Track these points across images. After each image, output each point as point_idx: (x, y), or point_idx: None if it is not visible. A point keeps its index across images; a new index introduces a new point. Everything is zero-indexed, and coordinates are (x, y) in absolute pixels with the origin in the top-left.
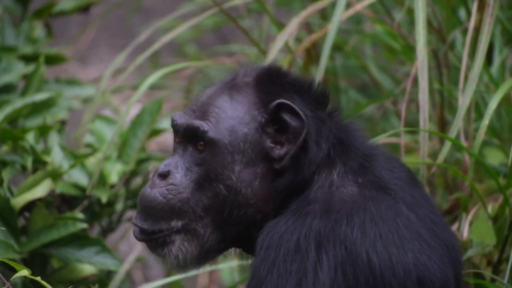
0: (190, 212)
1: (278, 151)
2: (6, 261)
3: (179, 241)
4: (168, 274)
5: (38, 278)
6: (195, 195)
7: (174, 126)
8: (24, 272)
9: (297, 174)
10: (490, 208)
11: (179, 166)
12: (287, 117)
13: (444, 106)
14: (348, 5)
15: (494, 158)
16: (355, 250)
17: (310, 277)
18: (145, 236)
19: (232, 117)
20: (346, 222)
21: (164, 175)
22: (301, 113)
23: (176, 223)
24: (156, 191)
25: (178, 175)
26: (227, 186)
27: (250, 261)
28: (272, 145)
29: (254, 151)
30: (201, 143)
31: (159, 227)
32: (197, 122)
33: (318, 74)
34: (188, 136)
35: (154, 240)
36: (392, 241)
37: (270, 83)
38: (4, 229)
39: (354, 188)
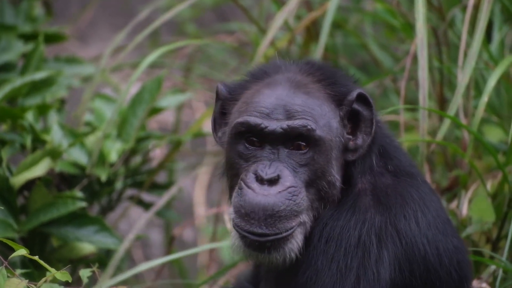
0: (304, 209)
1: (354, 142)
2: (5, 240)
3: (298, 235)
4: (168, 253)
5: (36, 258)
6: (306, 194)
7: (262, 129)
8: (22, 251)
9: (365, 163)
10: (489, 186)
11: (284, 169)
12: (360, 107)
13: (443, 83)
14: None
15: (493, 135)
16: (412, 244)
17: (370, 274)
18: (266, 238)
19: (323, 114)
20: (403, 216)
21: (273, 180)
22: (372, 102)
23: (297, 221)
24: (275, 198)
25: (290, 177)
26: (328, 182)
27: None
28: (349, 136)
29: (340, 145)
30: (304, 143)
31: (283, 228)
32: (301, 122)
33: (318, 52)
34: (285, 138)
35: (276, 241)
36: (437, 229)
37: (330, 78)
38: (3, 208)
39: (390, 176)
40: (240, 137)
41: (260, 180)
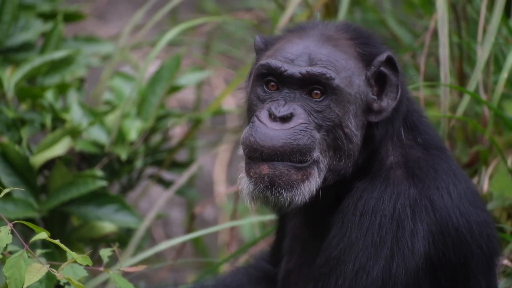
0: (317, 147)
1: (379, 104)
2: (25, 223)
3: (315, 173)
4: (188, 231)
5: (57, 241)
6: (320, 135)
7: (282, 72)
8: (43, 234)
9: (388, 129)
10: (510, 161)
11: (298, 108)
12: (387, 71)
13: (463, 59)
14: None
15: None
16: (445, 216)
17: (405, 247)
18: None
19: (347, 67)
20: (436, 188)
21: (286, 118)
22: (399, 68)
23: (313, 156)
24: (286, 131)
25: (304, 116)
26: (345, 133)
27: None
28: (374, 97)
29: (362, 103)
30: (318, 91)
31: (302, 161)
32: (321, 70)
33: None
34: (304, 84)
35: (295, 169)
36: (468, 202)
37: (363, 38)
38: (24, 187)
39: (421, 149)
40: (260, 80)
41: (273, 117)
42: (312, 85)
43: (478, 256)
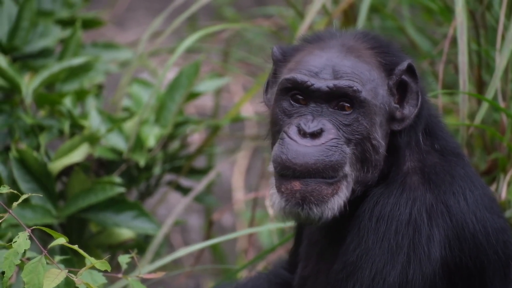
0: (347, 162)
1: (401, 112)
2: (44, 229)
3: (342, 188)
4: (207, 238)
5: (76, 247)
6: (350, 150)
7: (308, 87)
8: (62, 240)
9: (411, 136)
10: None
11: (327, 123)
12: (408, 79)
13: (481, 66)
14: None
15: None
16: (462, 221)
17: (421, 252)
18: (322, 181)
19: (371, 79)
20: (453, 194)
21: (316, 134)
22: (418, 75)
23: (344, 171)
24: (317, 148)
25: (333, 131)
26: (373, 145)
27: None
28: (396, 105)
29: (386, 112)
30: (348, 104)
31: (333, 176)
32: (347, 83)
33: None
34: (331, 97)
35: (318, 190)
36: (484, 208)
37: (383, 47)
38: (42, 194)
39: (437, 155)
40: (285, 94)
41: (302, 133)
42: (339, 98)
43: (494, 262)
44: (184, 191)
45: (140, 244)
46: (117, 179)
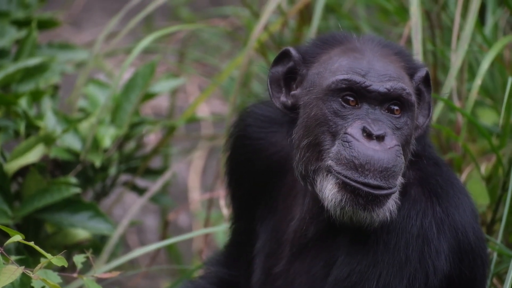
0: (402, 170)
1: (420, 119)
2: (0, 226)
3: (395, 195)
4: (163, 238)
5: (32, 243)
6: (403, 156)
7: (366, 87)
8: (17, 237)
9: (424, 145)
10: (483, 169)
11: (387, 128)
12: (422, 87)
13: (437, 66)
14: None
15: (487, 118)
16: (464, 234)
17: (429, 266)
18: (380, 191)
19: (408, 83)
20: (456, 206)
21: (381, 137)
22: (431, 85)
23: (399, 180)
24: (387, 152)
25: (394, 137)
26: (410, 150)
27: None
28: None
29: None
30: (397, 107)
31: (393, 184)
32: (401, 85)
33: (311, 35)
34: (384, 100)
35: (386, 196)
36: (475, 218)
37: (402, 52)
38: None
39: (431, 163)
40: (336, 95)
41: (368, 135)
42: (391, 101)
43: (482, 270)
44: (140, 191)
45: (96, 245)
46: (72, 179)
